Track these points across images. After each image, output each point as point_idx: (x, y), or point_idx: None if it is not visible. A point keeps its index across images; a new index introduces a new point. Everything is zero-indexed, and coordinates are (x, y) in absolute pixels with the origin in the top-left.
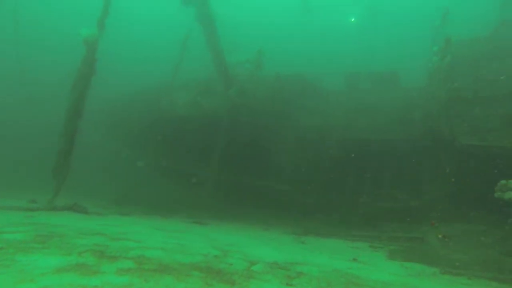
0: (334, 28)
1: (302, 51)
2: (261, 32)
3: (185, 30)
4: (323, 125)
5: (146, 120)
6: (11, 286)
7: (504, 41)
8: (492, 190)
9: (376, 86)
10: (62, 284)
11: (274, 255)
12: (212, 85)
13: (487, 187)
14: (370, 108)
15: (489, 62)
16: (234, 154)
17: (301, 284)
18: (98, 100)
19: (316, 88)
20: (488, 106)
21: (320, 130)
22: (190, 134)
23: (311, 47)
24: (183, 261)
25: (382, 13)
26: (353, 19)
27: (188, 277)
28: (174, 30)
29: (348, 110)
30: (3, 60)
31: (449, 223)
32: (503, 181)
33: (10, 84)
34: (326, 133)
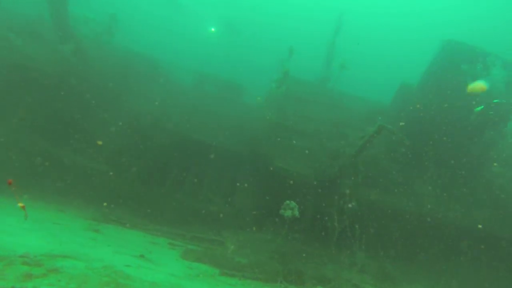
0: (195, 30)
1: (160, 40)
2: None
3: None
4: (158, 115)
5: None
6: None
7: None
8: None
9: (221, 93)
10: None
11: (36, 245)
12: (40, 29)
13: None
14: (209, 111)
15: (310, 103)
16: (49, 117)
17: (41, 285)
18: None
19: (164, 77)
20: (300, 138)
21: (154, 119)
22: None
23: (170, 39)
24: None
25: (239, 29)
26: (213, 29)
27: None
28: None
29: (187, 107)
30: None
31: (246, 231)
32: (287, 201)
33: None
34: (159, 123)
